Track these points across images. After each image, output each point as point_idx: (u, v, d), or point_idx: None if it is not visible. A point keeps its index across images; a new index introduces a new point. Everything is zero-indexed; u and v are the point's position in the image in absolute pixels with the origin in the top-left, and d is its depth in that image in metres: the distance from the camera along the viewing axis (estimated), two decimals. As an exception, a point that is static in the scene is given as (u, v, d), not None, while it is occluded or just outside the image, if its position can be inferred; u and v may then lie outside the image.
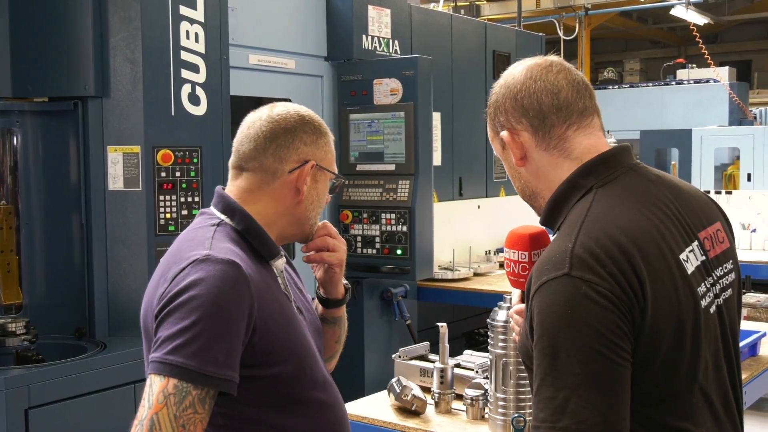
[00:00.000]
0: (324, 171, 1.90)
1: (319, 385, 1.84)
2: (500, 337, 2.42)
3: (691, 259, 1.56)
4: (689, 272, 1.54)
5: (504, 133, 1.67)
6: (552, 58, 1.71)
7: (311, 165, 1.87)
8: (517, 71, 1.69)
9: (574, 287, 1.42)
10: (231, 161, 1.90)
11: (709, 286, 1.58)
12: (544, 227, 1.83)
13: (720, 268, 1.64)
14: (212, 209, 1.87)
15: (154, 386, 1.59)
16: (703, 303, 1.55)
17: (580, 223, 1.51)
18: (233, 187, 1.88)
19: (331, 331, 2.11)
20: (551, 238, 1.65)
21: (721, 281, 1.63)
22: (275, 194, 1.86)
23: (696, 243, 1.59)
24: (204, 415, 1.61)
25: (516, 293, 1.92)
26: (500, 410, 2.44)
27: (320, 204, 1.93)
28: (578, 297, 1.42)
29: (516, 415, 2.30)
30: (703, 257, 1.59)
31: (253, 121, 1.90)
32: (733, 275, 1.68)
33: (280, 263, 1.89)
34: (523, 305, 1.85)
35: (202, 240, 1.75)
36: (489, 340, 2.47)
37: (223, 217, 1.84)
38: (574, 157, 1.62)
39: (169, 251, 1.80)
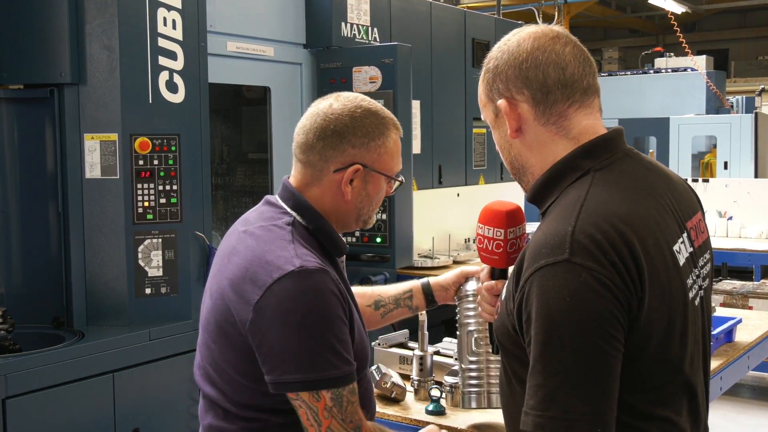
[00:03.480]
0: (375, 172, 1.92)
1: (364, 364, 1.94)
2: (469, 306, 2.31)
3: (682, 250, 1.54)
4: (681, 264, 1.52)
5: (501, 102, 1.60)
6: (557, 28, 1.64)
7: (355, 169, 1.89)
8: (522, 38, 1.60)
9: (574, 274, 1.38)
10: (293, 148, 1.97)
11: (695, 278, 1.57)
12: (517, 205, 1.81)
13: (702, 258, 1.63)
14: (280, 202, 1.92)
15: (312, 405, 1.75)
16: (690, 295, 1.54)
17: (579, 206, 1.45)
18: (294, 178, 1.95)
19: (400, 313, 2.39)
20: (539, 218, 1.59)
21: (701, 272, 1.62)
22: (325, 190, 1.91)
23: (685, 234, 1.57)
24: (356, 400, 1.80)
25: (486, 269, 1.88)
26: (471, 381, 2.31)
27: (372, 201, 1.96)
28: (578, 285, 1.37)
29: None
30: (691, 248, 1.57)
31: (312, 113, 1.94)
32: (709, 265, 1.67)
33: (343, 258, 2.00)
34: (493, 282, 1.84)
35: (284, 244, 1.80)
36: (456, 310, 2.36)
37: (294, 214, 1.89)
38: (571, 136, 1.57)
39: (245, 243, 1.83)
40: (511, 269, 1.61)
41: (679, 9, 14.44)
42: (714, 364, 3.17)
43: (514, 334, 1.51)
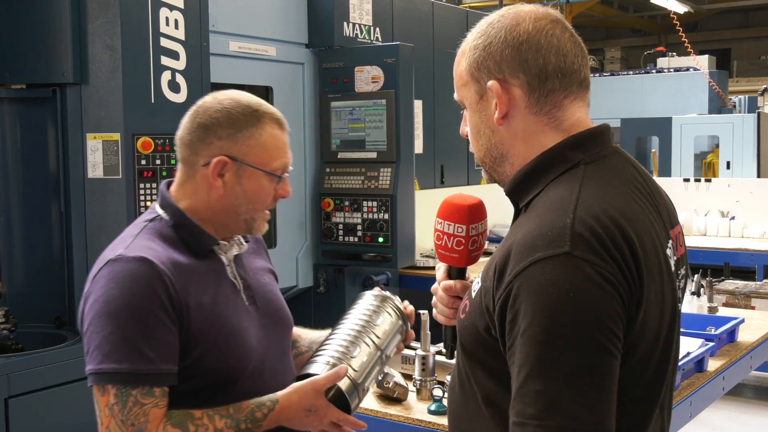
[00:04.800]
0: (248, 166, 1.81)
1: (241, 375, 1.80)
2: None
3: (670, 255, 1.44)
4: (672, 269, 1.43)
5: (493, 83, 1.44)
6: (552, 11, 1.50)
7: (220, 161, 1.79)
8: (521, 17, 1.46)
9: (576, 268, 1.26)
10: None
11: (678, 287, 1.47)
12: (479, 199, 1.69)
13: (679, 271, 1.50)
14: (155, 204, 1.89)
15: (99, 401, 1.67)
16: (678, 304, 1.45)
17: (575, 198, 1.34)
18: (175, 178, 1.90)
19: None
20: (523, 214, 1.45)
21: (680, 284, 1.50)
22: (198, 186, 1.84)
23: (671, 241, 1.47)
24: (152, 402, 1.66)
25: (442, 268, 1.73)
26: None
27: (251, 200, 1.84)
28: (581, 279, 1.25)
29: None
30: (674, 257, 1.47)
31: (190, 110, 1.88)
32: (684, 281, 1.56)
33: (230, 253, 1.89)
34: (451, 282, 1.70)
35: (126, 237, 1.80)
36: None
37: (161, 212, 1.86)
38: (562, 128, 1.45)
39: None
40: (482, 266, 1.48)
41: (682, 8, 14.42)
42: (716, 364, 3.17)
43: (486, 337, 1.38)
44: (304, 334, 2.17)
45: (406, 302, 2.05)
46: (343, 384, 1.80)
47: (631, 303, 1.30)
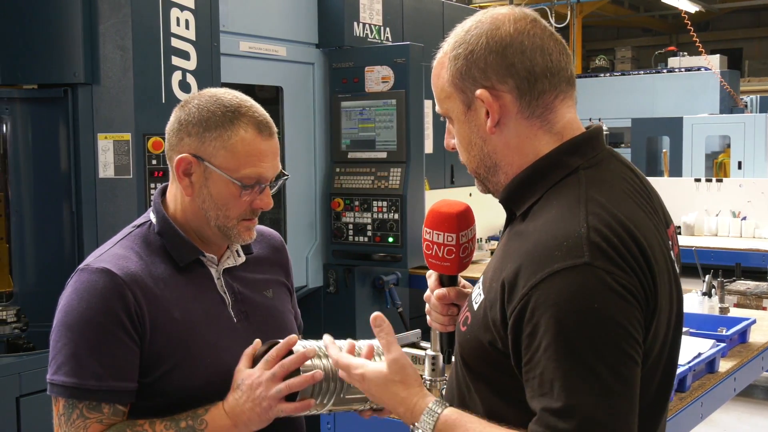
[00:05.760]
0: (213, 169, 1.68)
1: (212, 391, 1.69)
2: None
3: (672, 257, 1.42)
4: (677, 271, 1.41)
5: (482, 92, 1.40)
6: (528, 11, 1.46)
7: (185, 159, 1.70)
8: (499, 20, 1.42)
9: (597, 279, 1.22)
10: None
11: (679, 288, 1.45)
12: (466, 204, 1.66)
13: (678, 268, 1.48)
14: (151, 208, 1.83)
15: (53, 409, 1.67)
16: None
17: (582, 206, 1.30)
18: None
19: None
20: (521, 222, 1.41)
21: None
22: (177, 190, 1.76)
23: (669, 241, 1.44)
24: (97, 417, 1.63)
25: (434, 276, 1.70)
26: None
27: (219, 206, 1.71)
28: (604, 290, 1.22)
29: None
30: (674, 258, 1.44)
31: None
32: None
33: (222, 266, 1.80)
34: (445, 290, 1.67)
35: (106, 244, 1.77)
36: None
37: (152, 217, 1.80)
38: (555, 131, 1.40)
39: None
40: (481, 276, 1.47)
41: (693, 8, 14.36)
42: (728, 365, 3.15)
43: (491, 351, 1.35)
44: None
45: None
46: (261, 348, 1.66)
47: (647, 311, 1.28)
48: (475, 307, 1.42)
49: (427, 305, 1.75)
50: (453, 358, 1.60)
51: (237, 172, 1.68)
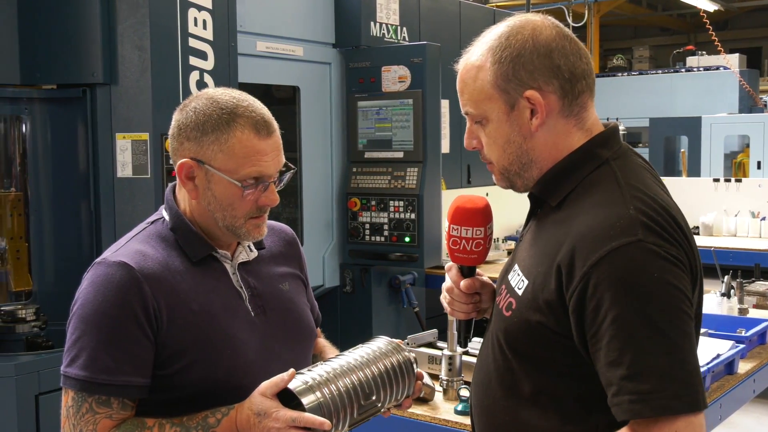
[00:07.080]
0: (214, 172, 1.70)
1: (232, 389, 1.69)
2: None
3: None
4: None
5: (531, 93, 1.50)
6: (552, 18, 1.58)
7: (186, 164, 1.71)
8: (539, 26, 1.52)
9: (651, 252, 1.36)
10: None
11: None
12: (484, 197, 1.78)
13: None
14: (163, 205, 1.85)
15: (62, 400, 1.68)
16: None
17: (625, 191, 1.44)
18: None
19: None
20: (556, 211, 1.53)
21: None
22: (184, 191, 1.78)
23: None
24: (106, 412, 1.63)
25: (454, 268, 1.78)
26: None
27: (225, 207, 1.73)
28: (659, 260, 1.35)
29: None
30: None
31: None
32: None
33: (236, 260, 1.81)
34: (470, 280, 1.75)
35: (122, 239, 1.79)
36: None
37: (164, 214, 1.82)
38: (586, 128, 1.54)
39: None
40: (514, 264, 1.58)
41: (711, 7, 14.26)
42: (747, 366, 3.13)
43: (542, 331, 1.45)
44: (329, 350, 2.05)
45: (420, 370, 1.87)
46: (293, 384, 1.62)
47: (693, 280, 1.42)
48: (520, 292, 1.52)
49: (445, 298, 1.83)
50: (480, 349, 1.70)
51: (237, 173, 1.70)
